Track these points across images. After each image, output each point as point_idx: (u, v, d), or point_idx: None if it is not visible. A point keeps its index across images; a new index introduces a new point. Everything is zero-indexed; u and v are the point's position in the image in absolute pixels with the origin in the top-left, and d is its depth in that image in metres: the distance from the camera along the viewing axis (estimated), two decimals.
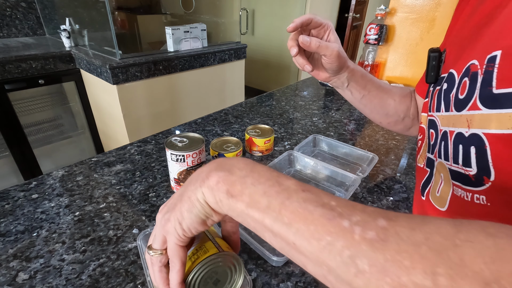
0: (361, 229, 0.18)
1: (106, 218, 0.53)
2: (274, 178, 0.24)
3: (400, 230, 0.17)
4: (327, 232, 0.19)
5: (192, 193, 0.26)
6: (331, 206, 0.20)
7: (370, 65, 1.34)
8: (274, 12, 3.18)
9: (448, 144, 0.31)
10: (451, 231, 0.16)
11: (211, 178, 0.25)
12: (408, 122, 0.55)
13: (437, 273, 0.14)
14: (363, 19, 3.55)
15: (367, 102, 0.53)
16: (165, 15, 2.24)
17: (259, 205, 0.22)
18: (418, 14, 1.22)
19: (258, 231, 0.23)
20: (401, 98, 0.54)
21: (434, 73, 0.38)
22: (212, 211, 0.25)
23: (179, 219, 0.26)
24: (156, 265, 0.29)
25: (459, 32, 0.36)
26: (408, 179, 0.68)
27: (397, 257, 0.16)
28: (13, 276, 0.42)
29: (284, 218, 0.21)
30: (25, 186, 0.60)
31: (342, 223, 0.18)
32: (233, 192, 0.23)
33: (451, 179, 0.31)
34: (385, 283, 0.16)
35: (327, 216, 0.19)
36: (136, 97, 1.54)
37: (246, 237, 0.47)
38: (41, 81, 1.55)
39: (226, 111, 1.03)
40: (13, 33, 1.89)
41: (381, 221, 0.18)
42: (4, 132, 1.51)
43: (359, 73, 0.51)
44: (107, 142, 1.90)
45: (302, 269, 0.44)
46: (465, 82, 0.29)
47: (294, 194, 0.22)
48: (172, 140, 0.57)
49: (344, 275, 0.18)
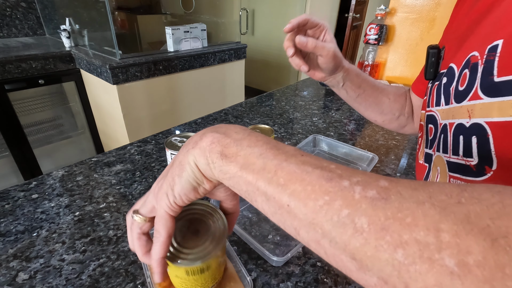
0: (361, 188, 0.17)
1: (106, 218, 0.53)
2: (272, 142, 0.23)
3: (402, 190, 0.16)
4: (325, 192, 0.18)
5: (184, 157, 0.25)
6: (331, 169, 0.19)
7: (370, 65, 1.34)
8: (274, 12, 3.18)
9: (448, 136, 0.31)
10: (455, 190, 0.15)
11: (205, 139, 0.24)
12: (403, 120, 0.55)
13: (440, 229, 0.14)
14: (363, 19, 3.55)
15: (362, 101, 0.54)
16: (165, 15, 2.24)
17: (254, 167, 0.21)
18: (418, 14, 1.22)
19: (250, 196, 0.22)
20: (396, 97, 0.54)
21: (433, 69, 0.38)
22: (202, 176, 0.24)
23: (171, 184, 0.25)
24: (134, 231, 0.28)
25: (457, 29, 0.36)
26: (408, 179, 0.68)
27: (398, 214, 0.15)
28: (13, 276, 0.42)
29: (279, 179, 0.20)
30: (25, 186, 0.60)
31: (341, 183, 0.18)
32: (227, 153, 0.22)
33: (447, 171, 0.31)
34: (385, 242, 0.15)
35: (326, 177, 0.18)
36: (136, 97, 1.54)
37: (246, 237, 0.47)
38: (41, 81, 1.55)
39: (226, 111, 1.03)
40: (13, 33, 1.89)
41: (383, 182, 0.17)
42: (4, 132, 1.51)
43: (354, 72, 0.52)
44: (107, 142, 1.90)
45: (302, 269, 0.44)
46: (465, 74, 0.29)
47: (293, 157, 0.21)
48: (172, 140, 0.57)
49: (340, 237, 0.17)
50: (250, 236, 0.47)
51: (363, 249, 0.15)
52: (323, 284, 0.42)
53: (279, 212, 0.20)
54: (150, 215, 0.28)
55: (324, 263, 0.45)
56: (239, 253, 0.47)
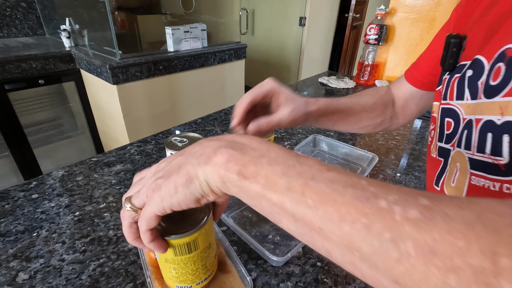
0: (401, 209, 0.16)
1: (106, 218, 0.53)
2: (293, 158, 0.21)
3: (447, 209, 0.15)
4: (362, 214, 0.16)
5: (192, 168, 0.24)
6: (362, 186, 0.18)
7: (370, 65, 1.34)
8: (274, 12, 3.17)
9: (472, 132, 0.30)
10: (505, 209, 0.14)
11: (219, 155, 0.22)
12: (386, 123, 0.54)
13: (497, 253, 0.13)
14: (363, 19, 3.55)
15: (340, 125, 0.51)
16: (165, 15, 2.24)
17: (278, 187, 0.20)
18: (418, 14, 1.22)
19: (274, 216, 0.21)
20: (374, 107, 0.52)
21: (453, 60, 0.36)
22: (210, 191, 0.24)
23: (171, 192, 0.24)
24: (126, 220, 0.28)
25: (482, 18, 0.34)
26: (408, 179, 0.68)
27: (448, 237, 0.14)
28: (13, 276, 0.42)
29: (308, 200, 0.18)
30: (25, 186, 0.60)
31: (378, 203, 0.16)
32: (246, 173, 0.21)
33: (469, 169, 0.30)
34: (435, 266, 0.14)
35: (360, 197, 0.17)
36: (136, 97, 1.54)
37: (246, 237, 0.47)
38: (41, 81, 1.55)
39: (226, 111, 1.03)
40: (13, 33, 1.89)
41: (423, 199, 0.16)
42: (4, 132, 1.51)
43: (323, 109, 0.46)
44: (107, 142, 1.90)
45: (302, 269, 0.44)
46: (499, 68, 0.27)
47: (319, 174, 0.19)
48: (172, 140, 0.57)
49: (382, 262, 0.15)
50: (250, 236, 0.47)
51: (409, 274, 0.15)
52: (323, 284, 0.42)
53: (309, 235, 0.19)
54: (142, 206, 0.27)
55: (324, 263, 0.45)
56: (239, 253, 0.47)
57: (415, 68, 0.50)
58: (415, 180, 0.67)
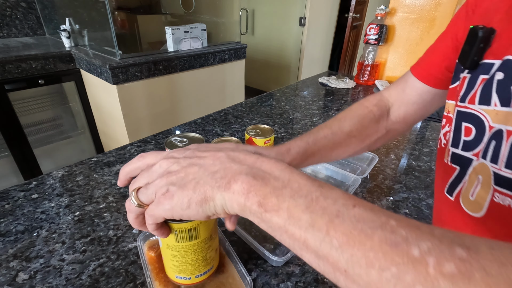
0: (435, 261, 0.15)
1: (106, 218, 0.53)
2: (317, 190, 0.20)
3: (486, 264, 0.14)
4: (392, 262, 0.15)
5: (210, 191, 0.23)
6: (392, 228, 0.17)
7: (370, 65, 1.34)
8: (274, 12, 3.18)
9: (502, 145, 0.27)
10: None
11: (240, 183, 0.21)
12: (382, 139, 0.48)
13: None
14: (363, 19, 3.55)
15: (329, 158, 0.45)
16: (165, 15, 2.24)
17: (301, 223, 0.19)
18: (418, 14, 1.22)
19: (296, 250, 0.20)
20: (361, 129, 0.45)
21: (478, 57, 0.31)
22: (223, 212, 0.23)
23: (183, 206, 0.23)
24: (132, 213, 0.28)
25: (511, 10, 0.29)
26: (408, 179, 0.68)
27: None
28: (13, 276, 0.42)
29: (333, 241, 0.17)
30: (25, 186, 0.60)
31: (410, 252, 0.15)
32: (267, 205, 0.20)
33: (493, 184, 0.28)
34: None
35: (390, 242, 0.16)
36: (136, 97, 1.54)
37: (246, 237, 0.47)
38: (41, 81, 1.55)
39: (226, 111, 1.03)
40: (13, 33, 1.89)
41: (459, 251, 0.15)
42: (4, 132, 1.51)
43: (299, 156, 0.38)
44: (107, 142, 1.90)
45: (302, 269, 0.44)
46: None
47: (344, 210, 0.18)
48: (172, 140, 0.57)
49: None
50: (250, 236, 0.47)
51: None
52: (323, 284, 0.42)
53: (333, 274, 0.18)
54: (149, 203, 0.27)
55: None
56: (239, 253, 0.46)
57: (428, 63, 0.43)
58: (415, 180, 0.67)
